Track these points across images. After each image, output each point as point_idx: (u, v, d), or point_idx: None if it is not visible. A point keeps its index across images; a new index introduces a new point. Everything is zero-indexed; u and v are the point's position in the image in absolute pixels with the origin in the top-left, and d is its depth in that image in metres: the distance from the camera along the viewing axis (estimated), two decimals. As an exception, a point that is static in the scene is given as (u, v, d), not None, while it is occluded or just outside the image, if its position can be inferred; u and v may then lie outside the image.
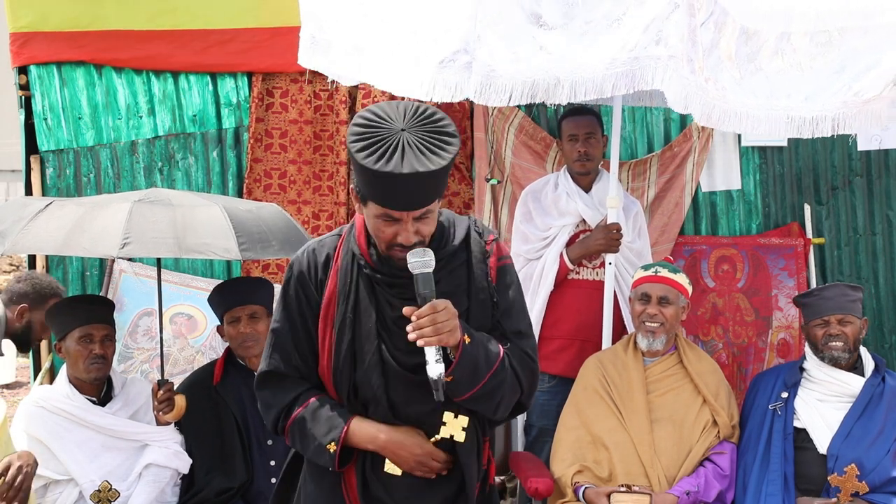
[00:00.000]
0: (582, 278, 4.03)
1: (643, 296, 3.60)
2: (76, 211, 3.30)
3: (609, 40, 2.86)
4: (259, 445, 3.59)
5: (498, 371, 2.29)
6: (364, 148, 2.12)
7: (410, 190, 2.13)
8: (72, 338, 3.41)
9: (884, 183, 5.01)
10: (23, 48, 4.68)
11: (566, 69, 2.86)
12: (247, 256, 3.34)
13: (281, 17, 4.74)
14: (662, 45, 2.81)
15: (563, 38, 2.88)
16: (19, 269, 10.09)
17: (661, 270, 3.62)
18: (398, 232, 2.20)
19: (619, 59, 2.84)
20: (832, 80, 3.03)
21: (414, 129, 2.14)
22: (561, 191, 4.07)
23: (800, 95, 3.01)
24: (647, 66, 2.82)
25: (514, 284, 2.42)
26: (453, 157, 2.15)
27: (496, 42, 2.86)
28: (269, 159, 4.85)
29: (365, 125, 2.15)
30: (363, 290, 2.32)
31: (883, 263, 5.03)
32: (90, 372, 3.42)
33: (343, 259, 2.35)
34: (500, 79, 2.85)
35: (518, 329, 2.40)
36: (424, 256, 2.19)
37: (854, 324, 3.55)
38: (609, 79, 2.85)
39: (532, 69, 2.87)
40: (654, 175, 4.86)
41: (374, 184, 2.15)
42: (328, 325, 2.35)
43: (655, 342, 3.59)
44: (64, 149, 4.74)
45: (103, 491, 3.31)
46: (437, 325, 2.16)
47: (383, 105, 2.20)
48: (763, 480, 3.46)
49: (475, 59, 2.84)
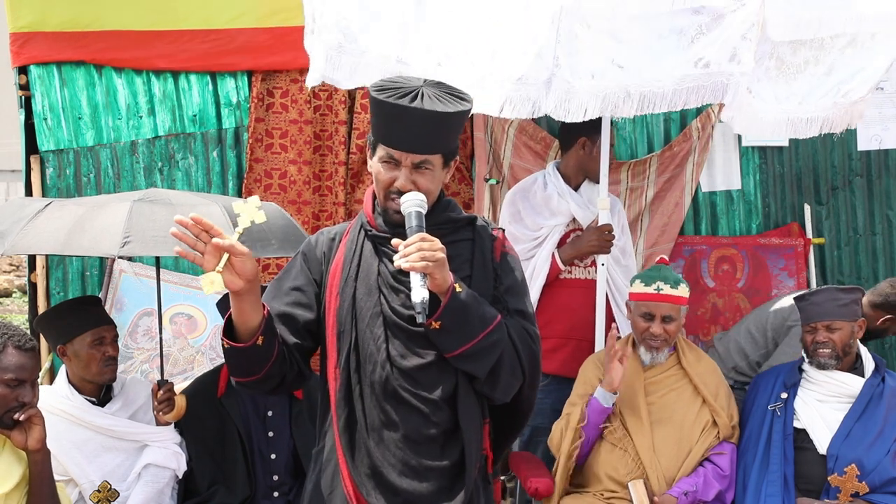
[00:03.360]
0: (574, 277, 4.02)
1: (646, 315, 3.57)
2: (76, 211, 3.30)
3: (679, 56, 2.92)
4: (262, 460, 3.59)
5: (493, 332, 2.31)
6: (383, 89, 2.28)
7: (415, 130, 2.25)
8: (82, 341, 3.39)
9: (884, 183, 5.01)
10: (23, 48, 4.67)
11: (637, 83, 2.93)
12: None
13: (281, 17, 4.74)
14: (736, 62, 2.88)
15: (635, 54, 2.94)
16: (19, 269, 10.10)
17: (664, 287, 3.56)
18: (396, 177, 2.31)
19: (690, 74, 2.90)
20: (822, 82, 3.14)
21: (431, 87, 2.30)
22: (551, 190, 4.04)
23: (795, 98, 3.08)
24: (720, 82, 2.89)
25: (518, 272, 2.48)
26: (461, 111, 2.28)
27: (574, 59, 2.91)
28: (269, 159, 4.85)
29: (388, 80, 2.33)
30: (367, 251, 2.42)
31: (883, 263, 5.03)
32: (104, 374, 3.42)
33: (352, 232, 2.47)
34: (577, 94, 2.91)
35: (521, 309, 2.44)
36: (417, 197, 2.29)
37: (843, 329, 3.53)
38: (679, 94, 2.93)
39: (605, 83, 2.94)
40: (654, 175, 4.86)
41: (383, 119, 2.29)
42: (334, 287, 2.41)
43: (659, 356, 3.60)
44: (64, 149, 4.74)
45: (103, 491, 3.31)
46: (423, 251, 2.20)
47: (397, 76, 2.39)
48: (763, 481, 3.46)
49: (555, 75, 2.89)
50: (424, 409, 2.35)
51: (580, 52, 2.91)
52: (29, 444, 2.67)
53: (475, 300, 2.31)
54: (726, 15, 2.89)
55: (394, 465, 2.35)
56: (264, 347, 2.26)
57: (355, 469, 2.37)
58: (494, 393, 2.40)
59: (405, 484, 2.35)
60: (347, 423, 2.38)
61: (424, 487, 2.35)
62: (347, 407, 2.38)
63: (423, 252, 2.19)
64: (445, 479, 2.38)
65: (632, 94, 2.94)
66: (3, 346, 2.66)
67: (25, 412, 2.67)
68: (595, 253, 3.86)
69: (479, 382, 2.37)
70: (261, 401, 3.64)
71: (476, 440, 2.39)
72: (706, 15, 2.92)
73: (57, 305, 3.65)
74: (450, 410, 2.37)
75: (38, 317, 3.68)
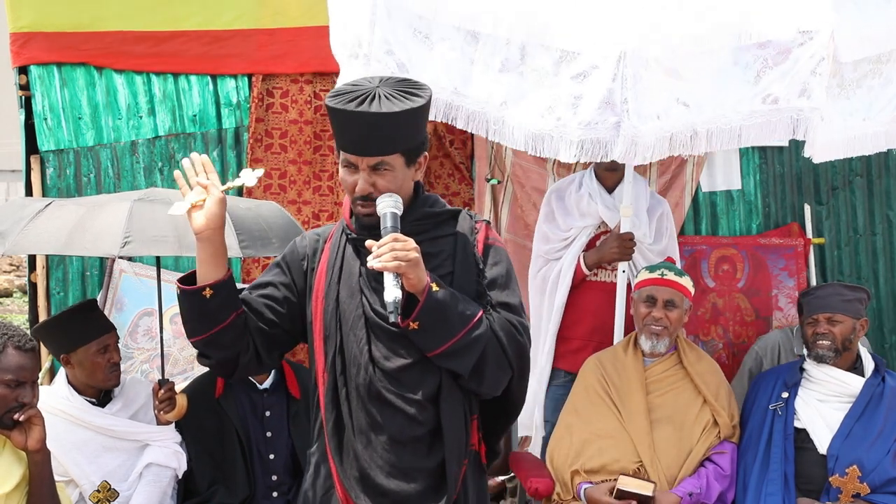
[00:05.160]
0: (600, 280, 4.03)
1: (649, 298, 3.59)
2: (77, 211, 3.30)
3: (746, 91, 2.87)
4: (261, 460, 3.59)
5: (474, 328, 2.30)
6: (334, 94, 2.28)
7: (365, 133, 2.24)
8: (86, 351, 3.39)
9: (884, 183, 5.00)
10: (23, 48, 4.68)
11: (702, 120, 2.88)
12: (247, 254, 3.32)
13: (281, 18, 4.74)
14: (806, 97, 2.83)
15: (699, 90, 2.89)
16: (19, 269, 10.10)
17: (668, 273, 3.61)
18: (356, 183, 2.30)
19: (759, 110, 2.86)
20: (879, 95, 3.08)
21: (389, 86, 2.28)
22: (584, 191, 4.04)
23: (859, 114, 3.06)
24: (791, 118, 2.85)
25: (502, 263, 2.45)
26: (410, 109, 2.24)
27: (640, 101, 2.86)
28: (269, 159, 4.85)
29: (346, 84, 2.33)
30: (349, 255, 2.43)
31: (883, 263, 5.02)
32: (109, 380, 3.43)
33: (335, 236, 2.48)
34: (643, 138, 2.86)
35: (506, 301, 2.41)
36: (392, 197, 2.28)
37: (844, 323, 3.55)
38: (748, 130, 2.89)
39: (671, 123, 2.89)
40: (655, 175, 4.85)
41: (336, 125, 2.29)
42: (319, 291, 2.42)
43: (659, 345, 3.59)
44: (64, 149, 4.74)
45: (102, 491, 3.31)
46: (395, 251, 2.20)
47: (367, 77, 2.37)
48: (763, 480, 3.46)
49: (623, 120, 2.85)
50: (409, 411, 2.35)
51: (644, 93, 2.86)
52: (29, 444, 2.67)
53: (454, 297, 2.30)
54: (793, 49, 2.83)
55: (381, 466, 2.35)
56: (213, 305, 2.32)
57: (344, 472, 2.37)
58: (481, 388, 2.39)
59: (393, 485, 2.35)
60: (335, 426, 2.39)
61: (412, 488, 2.36)
62: (335, 410, 2.39)
63: (396, 252, 2.20)
64: (433, 479, 2.38)
65: (699, 132, 2.88)
66: (3, 346, 2.65)
67: (25, 412, 2.67)
68: (616, 260, 3.85)
69: (464, 379, 2.36)
70: (259, 401, 3.64)
71: (458, 438, 2.39)
72: (772, 49, 2.86)
73: (57, 315, 3.61)
74: (435, 410, 2.37)
75: (37, 326, 3.64)
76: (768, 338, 4.27)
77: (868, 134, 3.10)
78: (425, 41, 3.04)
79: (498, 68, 2.98)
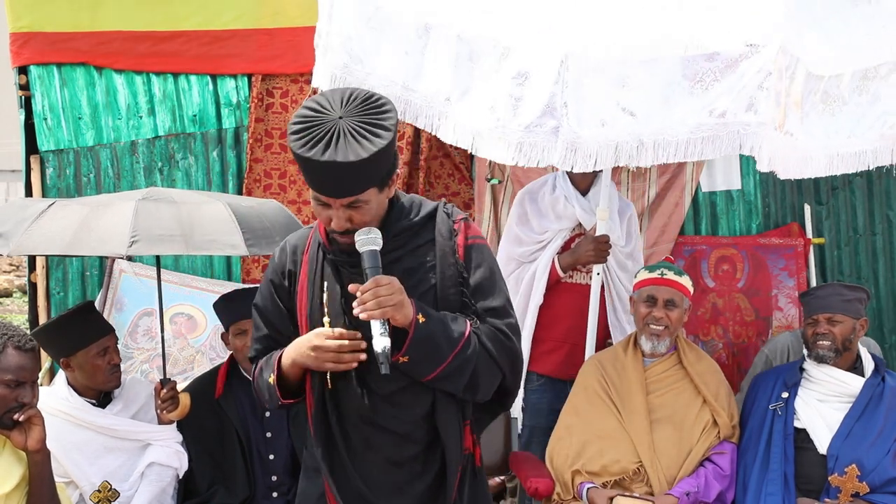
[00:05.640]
0: (575, 282, 4.01)
1: (649, 298, 3.58)
2: (80, 210, 3.29)
3: (693, 103, 2.83)
4: (261, 460, 3.58)
5: (463, 349, 2.27)
6: (297, 132, 2.16)
7: (334, 178, 2.16)
8: (86, 354, 3.37)
9: (884, 183, 5.01)
10: (23, 48, 4.68)
11: (649, 132, 2.84)
12: (252, 252, 3.31)
13: (281, 18, 4.74)
14: (753, 111, 2.79)
15: (646, 100, 2.85)
16: (19, 269, 10.10)
17: (668, 273, 3.60)
18: (331, 217, 2.24)
19: (705, 123, 2.82)
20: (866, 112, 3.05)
21: (350, 117, 2.16)
22: (559, 193, 4.02)
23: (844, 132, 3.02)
24: (737, 132, 2.81)
25: (485, 263, 2.39)
26: (378, 150, 2.14)
27: (581, 107, 2.83)
28: (269, 159, 4.86)
29: (304, 114, 2.19)
30: (329, 274, 2.37)
31: (883, 263, 5.03)
32: (110, 381, 3.42)
33: (311, 248, 2.41)
34: (584, 144, 2.82)
35: (491, 306, 2.37)
36: (370, 234, 2.23)
37: (844, 323, 3.55)
38: (694, 143, 2.84)
39: (616, 132, 2.85)
40: (655, 175, 4.86)
41: (302, 166, 2.20)
42: (303, 309, 2.39)
43: (660, 345, 3.59)
44: (64, 149, 4.74)
45: (103, 491, 3.31)
46: (380, 298, 2.17)
47: (329, 94, 2.22)
48: (763, 480, 3.46)
49: (562, 124, 2.81)
50: (404, 431, 2.36)
51: (586, 99, 2.83)
52: (28, 444, 2.67)
53: (440, 323, 2.27)
54: (741, 62, 2.79)
55: (378, 485, 2.36)
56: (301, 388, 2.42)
57: (339, 491, 2.37)
58: (476, 397, 2.39)
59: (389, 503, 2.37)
60: (327, 447, 2.39)
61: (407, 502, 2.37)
62: (326, 432, 2.39)
63: (380, 298, 2.17)
64: (430, 491, 2.39)
65: (645, 143, 2.84)
66: (2, 346, 2.65)
67: (25, 412, 2.67)
68: (592, 262, 3.85)
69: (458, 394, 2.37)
70: (258, 402, 3.64)
71: (456, 450, 2.39)
72: (720, 61, 2.82)
73: (55, 319, 3.58)
74: (429, 426, 2.37)
75: (35, 331, 3.62)
76: (778, 340, 4.26)
77: (853, 152, 3.07)
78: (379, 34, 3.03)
79: (448, 64, 2.96)
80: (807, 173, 2.99)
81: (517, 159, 2.83)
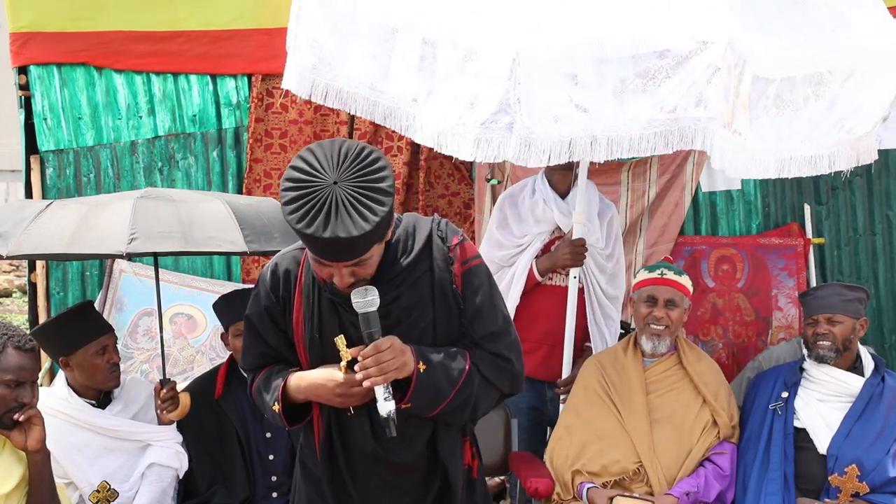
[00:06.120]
0: (553, 284, 4.00)
1: (649, 298, 3.58)
2: (79, 210, 3.29)
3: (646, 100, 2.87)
4: (260, 460, 3.59)
5: (464, 387, 2.29)
6: (291, 201, 2.08)
7: (337, 248, 2.10)
8: (85, 353, 3.37)
9: (884, 183, 5.01)
10: (23, 48, 4.68)
11: (602, 128, 2.87)
12: (252, 248, 3.30)
13: (281, 18, 4.73)
14: (702, 107, 2.82)
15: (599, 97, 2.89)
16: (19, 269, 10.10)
17: (667, 272, 3.60)
18: (332, 274, 2.20)
19: (657, 119, 2.85)
20: (823, 118, 3.09)
21: (346, 183, 2.08)
22: (538, 197, 4.00)
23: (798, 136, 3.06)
24: (688, 127, 2.84)
25: (482, 287, 2.37)
26: (381, 218, 2.08)
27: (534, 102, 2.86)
28: (269, 159, 4.86)
29: (296, 187, 2.09)
30: (326, 312, 2.33)
31: (883, 263, 5.03)
32: (109, 381, 3.41)
33: (305, 279, 2.36)
34: (538, 140, 2.85)
35: (489, 331, 2.36)
36: (367, 296, 2.18)
37: (844, 323, 3.55)
38: (647, 138, 2.87)
39: (570, 128, 2.88)
40: (655, 175, 4.86)
41: (306, 240, 2.13)
42: (300, 343, 2.38)
43: (660, 345, 3.59)
44: (64, 149, 4.74)
45: (102, 491, 3.31)
46: (382, 364, 2.17)
47: (311, 155, 2.13)
48: (763, 480, 3.46)
49: (515, 120, 2.84)
50: (408, 459, 2.38)
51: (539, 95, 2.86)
52: (28, 444, 2.67)
53: (440, 366, 2.27)
54: (690, 58, 2.83)
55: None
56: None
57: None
58: (477, 418, 2.45)
59: None
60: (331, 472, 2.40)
61: None
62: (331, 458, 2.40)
63: (382, 364, 2.17)
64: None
65: (598, 139, 2.87)
66: (2, 346, 2.65)
67: (25, 413, 2.67)
68: (569, 266, 3.84)
69: None
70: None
71: (459, 470, 2.43)
72: (671, 59, 2.85)
73: (54, 318, 3.60)
74: (430, 452, 2.40)
75: (34, 330, 3.63)
76: (773, 351, 4.26)
77: (807, 156, 3.10)
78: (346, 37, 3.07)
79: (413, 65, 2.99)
80: (755, 174, 3.03)
81: (475, 155, 2.85)
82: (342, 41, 3.07)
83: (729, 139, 2.90)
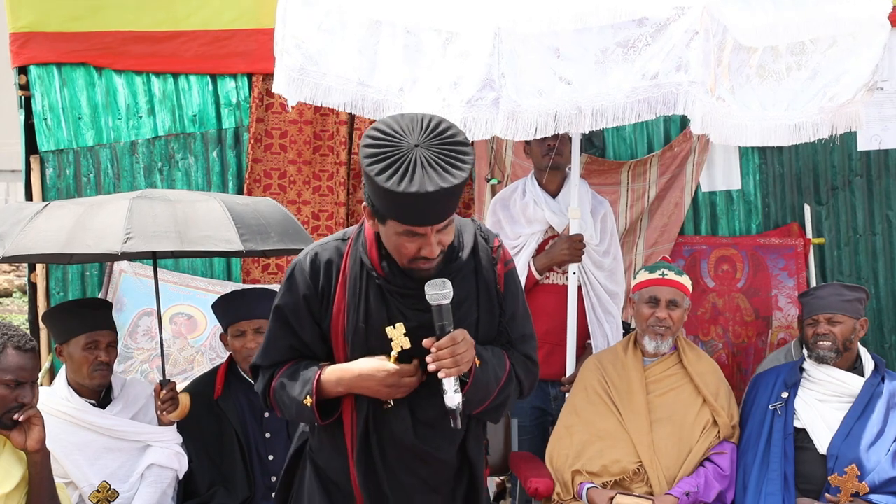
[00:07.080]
0: (552, 283, 4.00)
1: (651, 299, 3.58)
2: (75, 210, 3.29)
3: (627, 68, 2.91)
4: (260, 461, 3.58)
5: (506, 385, 2.37)
6: (382, 170, 2.10)
7: (433, 207, 2.13)
8: (76, 343, 3.38)
9: (884, 183, 5.01)
10: (23, 48, 4.68)
11: (587, 98, 2.91)
12: (248, 247, 3.30)
13: (281, 18, 4.73)
14: (683, 71, 2.87)
15: (581, 68, 2.93)
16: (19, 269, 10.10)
17: (668, 273, 3.60)
18: (422, 246, 2.20)
19: (640, 87, 2.89)
20: (806, 86, 3.14)
21: (428, 144, 2.12)
22: (528, 198, 4.00)
23: (781, 105, 3.11)
24: (670, 92, 2.89)
25: (519, 289, 2.47)
26: (471, 167, 2.16)
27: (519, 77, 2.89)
28: (268, 159, 4.86)
29: (377, 144, 2.13)
30: (374, 301, 2.32)
31: (883, 263, 5.03)
32: (94, 378, 3.40)
33: (352, 269, 2.34)
34: (524, 113, 2.90)
35: (523, 333, 2.45)
36: (444, 289, 2.20)
37: (844, 324, 3.55)
38: (630, 106, 2.91)
39: (554, 101, 2.92)
40: (655, 175, 4.86)
41: (396, 204, 2.13)
42: (339, 334, 2.36)
43: (663, 345, 3.60)
44: (64, 149, 4.74)
45: (102, 491, 3.31)
46: (457, 356, 2.19)
47: (390, 121, 2.18)
48: (763, 480, 3.46)
49: (501, 95, 2.88)
50: (446, 455, 2.41)
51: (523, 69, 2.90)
52: (28, 444, 2.67)
53: (490, 364, 2.33)
54: (669, 25, 2.89)
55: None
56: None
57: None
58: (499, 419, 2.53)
59: None
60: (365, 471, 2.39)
61: None
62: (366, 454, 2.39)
63: (457, 356, 2.19)
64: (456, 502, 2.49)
65: (583, 110, 2.92)
66: (3, 346, 2.65)
67: (25, 413, 2.67)
68: (567, 262, 3.84)
69: None
70: (257, 402, 3.63)
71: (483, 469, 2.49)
72: (649, 26, 2.91)
73: (65, 303, 3.68)
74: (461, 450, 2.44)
75: (46, 311, 3.71)
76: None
77: (791, 124, 3.14)
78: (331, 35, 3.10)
79: (398, 56, 3.03)
80: (739, 141, 3.08)
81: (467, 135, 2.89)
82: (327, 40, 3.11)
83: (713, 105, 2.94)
